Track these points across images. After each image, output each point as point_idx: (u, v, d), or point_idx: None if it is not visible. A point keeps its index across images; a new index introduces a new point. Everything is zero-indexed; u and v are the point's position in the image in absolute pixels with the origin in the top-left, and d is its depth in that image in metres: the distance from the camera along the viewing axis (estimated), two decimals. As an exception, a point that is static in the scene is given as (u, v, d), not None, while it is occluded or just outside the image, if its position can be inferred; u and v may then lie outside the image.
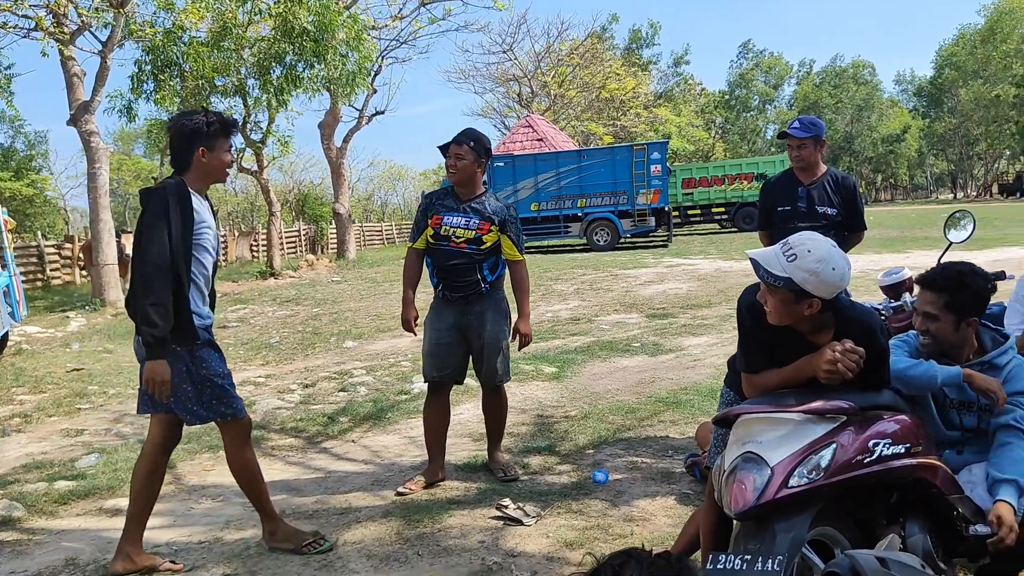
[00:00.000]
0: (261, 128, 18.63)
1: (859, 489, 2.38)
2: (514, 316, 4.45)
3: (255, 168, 19.24)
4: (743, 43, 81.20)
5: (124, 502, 4.31)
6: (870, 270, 13.86)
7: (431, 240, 4.27)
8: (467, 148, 4.21)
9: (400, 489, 4.31)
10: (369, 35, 19.79)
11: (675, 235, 26.01)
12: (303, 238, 33.98)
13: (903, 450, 2.36)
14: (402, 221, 51.01)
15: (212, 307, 3.58)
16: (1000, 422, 2.64)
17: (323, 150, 24.26)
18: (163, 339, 3.20)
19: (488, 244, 4.23)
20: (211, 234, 3.41)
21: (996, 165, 75.50)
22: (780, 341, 2.55)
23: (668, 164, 25.79)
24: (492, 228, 4.23)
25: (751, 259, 2.49)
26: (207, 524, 4.02)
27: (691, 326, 9.50)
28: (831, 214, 4.30)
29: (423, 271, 4.43)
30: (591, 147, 32.63)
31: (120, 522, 3.62)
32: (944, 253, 3.55)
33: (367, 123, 24.78)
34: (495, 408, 4.56)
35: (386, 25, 23.14)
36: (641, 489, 4.18)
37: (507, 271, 4.42)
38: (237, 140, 3.33)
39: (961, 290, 2.71)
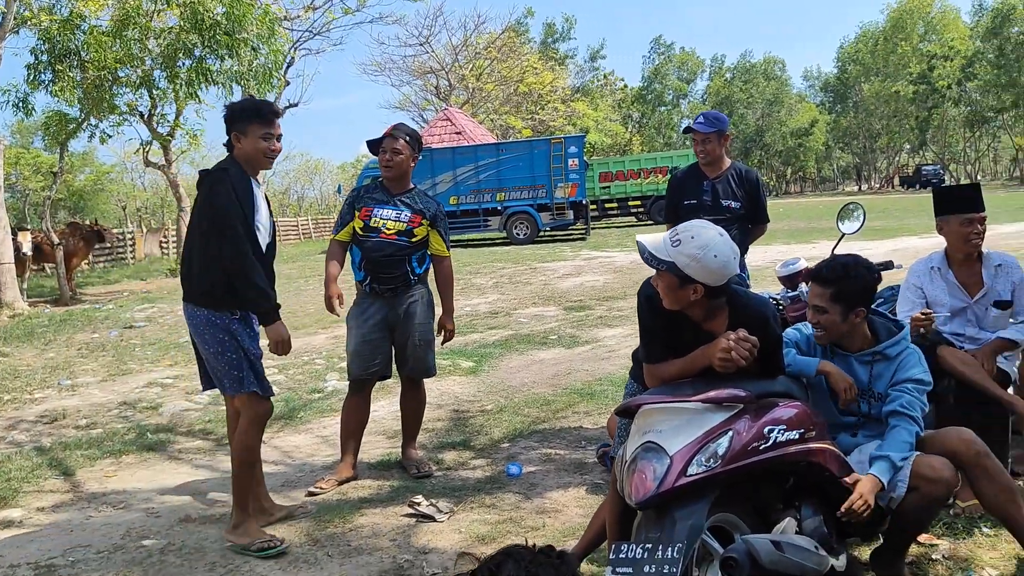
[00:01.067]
0: (169, 121, 17.99)
1: (756, 475, 2.44)
2: (438, 311, 4.46)
3: (163, 162, 18.59)
4: (655, 39, 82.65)
5: (18, 513, 4.12)
6: (778, 260, 14.29)
7: (360, 232, 4.20)
8: (404, 142, 4.19)
9: (312, 489, 4.23)
10: (281, 26, 19.34)
11: (593, 228, 26.32)
12: (216, 234, 32.99)
13: (797, 436, 2.44)
14: (319, 216, 50.15)
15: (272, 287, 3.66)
16: (889, 408, 2.76)
17: (234, 144, 23.56)
18: (277, 305, 3.51)
19: (419, 237, 4.23)
20: (264, 217, 3.57)
21: (897, 158, 78.88)
22: (677, 331, 2.61)
23: (586, 158, 26.05)
24: (423, 222, 4.23)
25: (638, 243, 2.58)
26: (106, 533, 3.86)
27: (607, 318, 9.63)
28: (735, 207, 4.40)
29: (346, 264, 4.36)
30: (510, 140, 32.69)
31: (12, 532, 3.45)
32: (837, 244, 3.68)
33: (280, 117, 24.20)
34: (414, 403, 4.52)
35: (299, 16, 22.68)
36: (554, 481, 4.21)
37: (430, 266, 4.40)
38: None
39: (846, 281, 2.81)
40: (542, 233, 24.74)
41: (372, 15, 47.40)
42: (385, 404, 6.08)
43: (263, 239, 3.55)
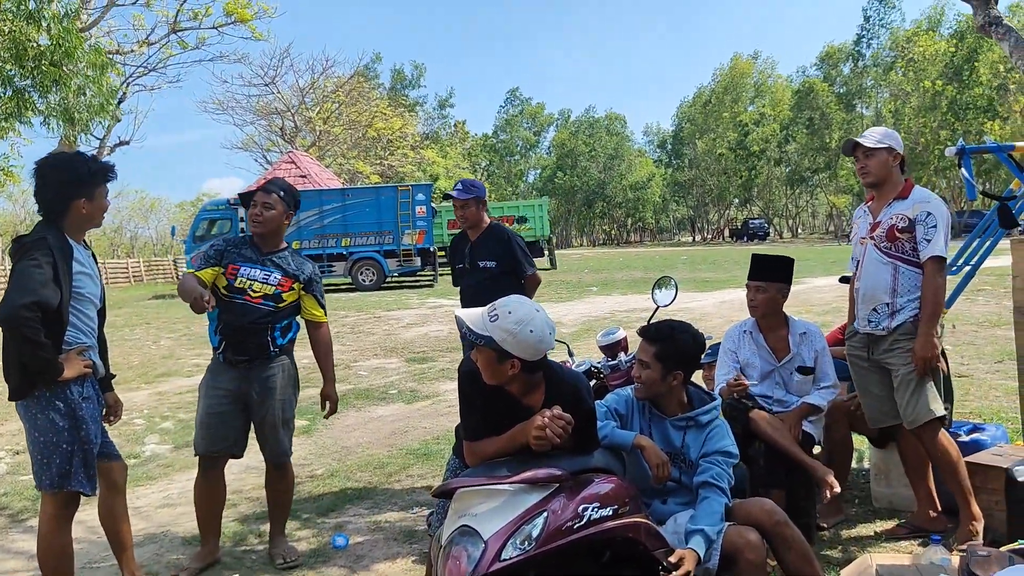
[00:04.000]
0: (-21, 155, 16.59)
1: (572, 552, 2.44)
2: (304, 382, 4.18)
3: (-29, 199, 17.09)
4: (511, 90, 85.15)
5: None
6: (617, 311, 14.83)
7: (223, 291, 3.78)
8: (276, 197, 3.83)
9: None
10: (113, 61, 18.37)
11: (441, 275, 26.39)
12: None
13: (611, 512, 2.46)
14: (152, 258, 47.53)
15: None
16: (700, 479, 2.86)
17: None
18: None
19: (287, 302, 3.85)
20: (92, 283, 3.31)
21: (728, 211, 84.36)
22: (496, 407, 2.61)
23: (435, 205, 26.20)
24: (294, 286, 3.87)
25: (457, 318, 2.58)
26: None
27: (449, 370, 9.58)
28: (491, 267, 4.64)
29: (202, 326, 3.99)
30: (356, 186, 32.39)
31: None
32: (652, 316, 3.83)
33: (109, 153, 22.95)
34: (279, 486, 4.05)
35: (132, 51, 21.63)
36: (382, 551, 4.07)
37: (297, 334, 4.01)
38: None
39: (671, 343, 2.94)
40: (389, 279, 24.56)
41: (213, 53, 45.86)
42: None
43: (95, 307, 3.37)
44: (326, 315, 4.08)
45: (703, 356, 3.27)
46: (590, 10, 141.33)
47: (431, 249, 24.65)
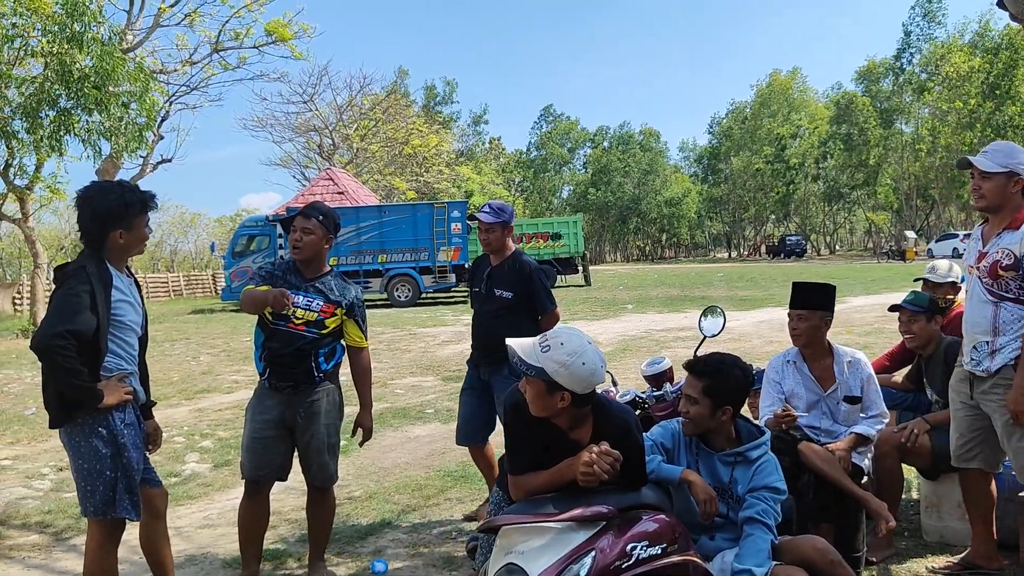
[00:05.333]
0: (28, 173, 16.99)
1: (620, 591, 2.40)
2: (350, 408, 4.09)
3: (18, 215, 17.47)
4: (545, 107, 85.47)
5: None
6: (653, 329, 14.72)
7: (269, 317, 3.79)
8: (316, 222, 3.82)
9: None
10: (157, 80, 18.76)
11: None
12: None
13: (660, 551, 2.42)
14: (192, 272, 48.26)
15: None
16: (746, 515, 2.79)
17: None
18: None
19: (330, 328, 3.84)
20: (133, 311, 3.34)
21: (764, 228, 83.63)
22: (544, 441, 2.57)
23: (469, 222, 26.32)
24: (337, 311, 3.85)
25: (508, 346, 2.54)
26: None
27: (485, 390, 9.55)
28: (506, 297, 4.51)
29: (245, 350, 4.04)
30: (393, 203, 32.66)
31: None
32: (699, 346, 3.77)
33: (152, 171, 23.35)
34: (321, 512, 4.03)
35: (175, 70, 22.06)
36: (421, 578, 4.05)
37: (342, 358, 4.00)
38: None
39: (719, 378, 2.88)
40: (424, 295, 24.68)
41: (253, 72, 46.51)
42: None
43: (136, 335, 3.39)
44: (367, 340, 4.06)
45: None
46: (620, 26, 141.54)
47: (466, 266, 24.74)
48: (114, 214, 3.22)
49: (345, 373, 4.03)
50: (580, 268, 30.38)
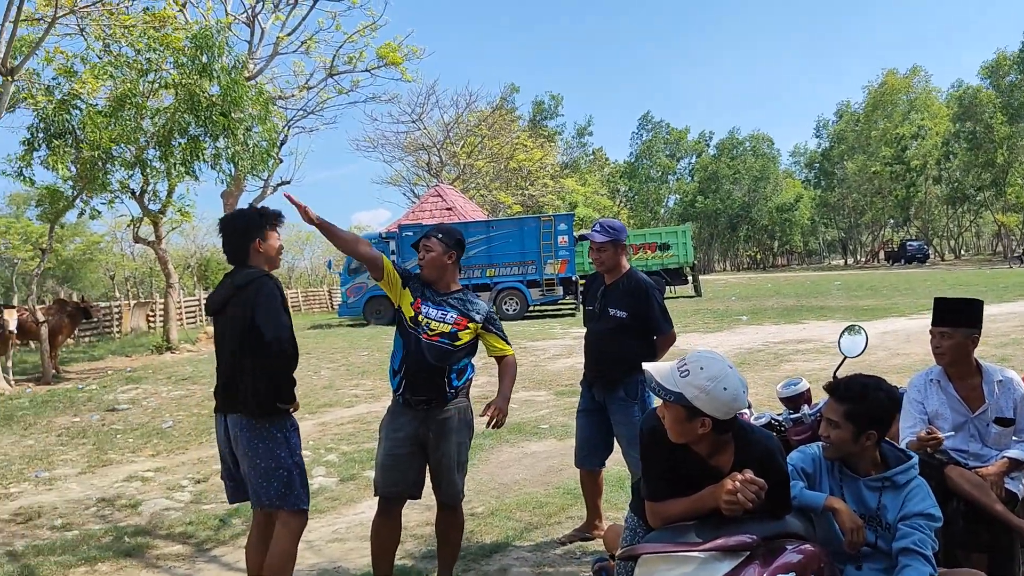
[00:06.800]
0: (160, 198, 18.06)
1: (764, 624, 2.32)
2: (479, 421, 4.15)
3: (152, 238, 18.58)
4: (643, 115, 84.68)
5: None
6: (771, 342, 14.29)
7: (409, 322, 3.92)
8: (435, 240, 3.99)
9: None
10: (276, 106, 19.62)
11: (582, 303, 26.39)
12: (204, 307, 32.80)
13: (806, 583, 2.32)
14: (308, 288, 50.07)
15: None
16: (900, 545, 2.65)
17: (226, 219, 23.66)
18: None
19: (464, 341, 3.92)
20: None
21: (882, 233, 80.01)
22: (682, 467, 2.52)
23: (575, 233, 26.32)
24: (470, 325, 3.94)
25: (645, 371, 2.51)
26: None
27: (599, 405, 9.49)
28: (621, 316, 4.45)
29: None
30: (500, 218, 33.00)
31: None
32: (839, 367, 3.62)
33: (272, 192, 24.40)
34: (449, 528, 4.09)
35: (292, 95, 23.00)
36: (548, 599, 4.04)
37: (473, 376, 4.09)
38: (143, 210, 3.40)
39: (863, 403, 2.76)
40: (531, 308, 24.80)
41: (366, 95, 48.09)
42: (371, 505, 5.91)
43: None
44: (509, 346, 4.12)
45: None
46: (720, 29, 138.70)
47: (573, 278, 24.73)
48: (249, 228, 3.73)
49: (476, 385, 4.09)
50: (690, 278, 29.87)
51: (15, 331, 15.23)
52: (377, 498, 4.02)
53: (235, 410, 3.60)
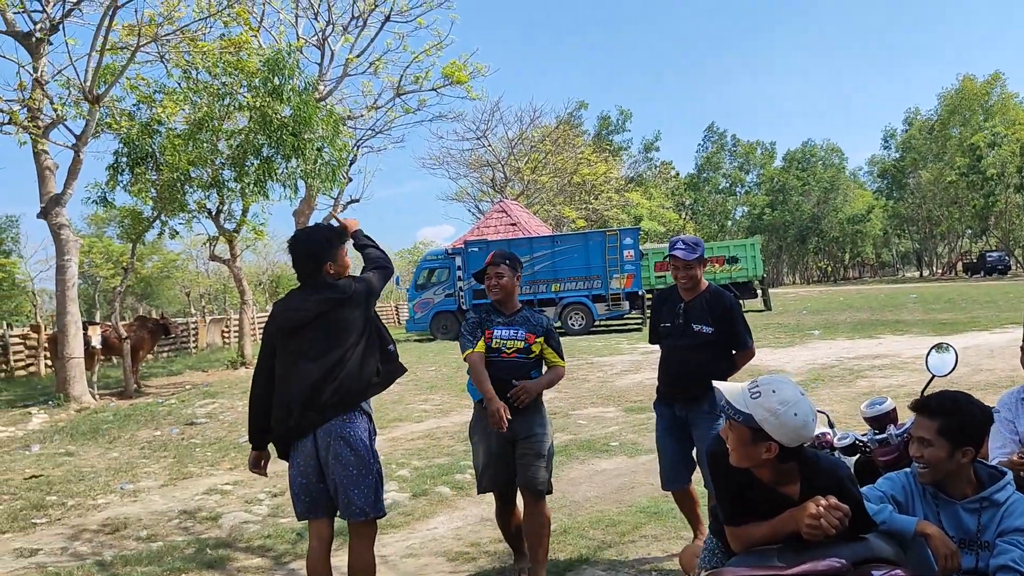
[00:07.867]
0: (235, 217, 18.60)
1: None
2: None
3: (227, 256, 19.13)
4: (708, 126, 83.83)
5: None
6: (845, 357, 13.94)
7: (488, 352, 4.35)
8: (505, 267, 4.40)
9: None
10: (345, 126, 20.05)
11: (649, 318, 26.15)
12: (276, 323, 33.51)
13: (898, 610, 2.26)
14: (376, 303, 50.78)
15: None
16: (999, 563, 2.56)
17: (297, 237, 24.21)
18: None
19: (535, 353, 4.39)
20: None
21: (959, 244, 77.32)
22: (752, 491, 2.49)
23: (641, 247, 26.14)
24: (538, 339, 4.39)
25: (715, 390, 2.49)
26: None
27: (669, 422, 9.38)
28: (706, 332, 4.50)
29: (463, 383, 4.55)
30: (564, 232, 33.00)
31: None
32: (927, 386, 3.51)
33: (342, 211, 24.88)
34: (535, 521, 4.32)
35: (361, 115, 23.43)
36: (624, 619, 4.00)
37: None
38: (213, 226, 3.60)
39: (956, 417, 2.67)
40: (597, 323, 24.69)
41: (432, 113, 48.62)
42: (444, 520, 5.96)
43: None
44: (563, 359, 4.54)
45: None
46: (787, 39, 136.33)
47: (639, 293, 24.54)
48: (321, 249, 3.86)
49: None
50: (759, 292, 29.35)
51: (100, 347, 15.85)
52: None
53: (324, 422, 3.63)
